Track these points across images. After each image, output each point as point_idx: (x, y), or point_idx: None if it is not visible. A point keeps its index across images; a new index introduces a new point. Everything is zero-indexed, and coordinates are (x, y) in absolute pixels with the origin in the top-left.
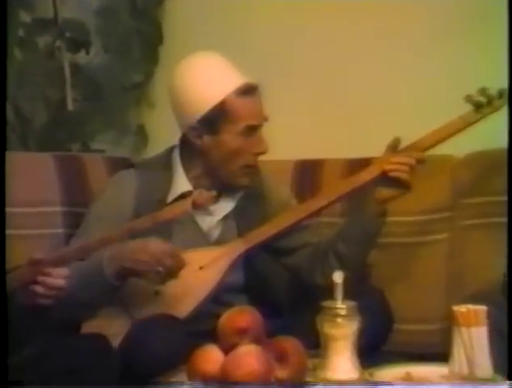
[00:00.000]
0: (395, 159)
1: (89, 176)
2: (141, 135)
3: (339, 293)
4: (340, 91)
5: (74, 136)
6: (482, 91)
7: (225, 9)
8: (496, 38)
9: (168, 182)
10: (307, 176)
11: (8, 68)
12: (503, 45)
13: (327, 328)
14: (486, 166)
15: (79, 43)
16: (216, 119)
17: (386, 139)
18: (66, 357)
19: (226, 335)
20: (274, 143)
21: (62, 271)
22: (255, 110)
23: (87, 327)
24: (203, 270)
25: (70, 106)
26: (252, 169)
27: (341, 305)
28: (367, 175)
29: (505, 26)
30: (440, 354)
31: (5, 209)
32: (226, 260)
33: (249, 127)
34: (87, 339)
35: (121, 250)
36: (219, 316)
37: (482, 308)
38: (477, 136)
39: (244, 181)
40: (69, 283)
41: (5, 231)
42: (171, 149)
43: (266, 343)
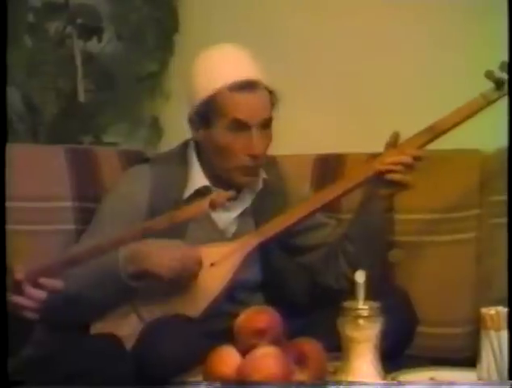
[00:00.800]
0: (388, 159)
1: (101, 170)
2: (156, 127)
3: (361, 294)
4: (362, 85)
5: (86, 128)
6: (503, 66)
7: None
8: None
9: (184, 177)
10: (328, 171)
11: (17, 55)
12: None
13: (348, 330)
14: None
15: (91, 30)
16: (209, 112)
17: (410, 131)
18: (78, 358)
19: (243, 336)
20: (294, 137)
21: (55, 283)
22: (247, 106)
23: (96, 328)
24: (214, 267)
25: (82, 97)
26: (250, 170)
27: (363, 305)
28: (360, 176)
29: None
30: (467, 359)
31: (5, 209)
32: (239, 256)
33: (236, 121)
34: (99, 340)
35: (140, 250)
36: (235, 315)
37: None
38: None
39: (242, 180)
40: (79, 281)
41: (5, 231)
42: (187, 142)
43: (285, 344)
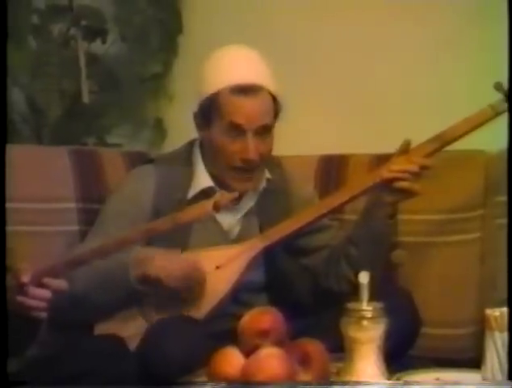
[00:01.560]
0: (395, 167)
1: (105, 171)
2: (159, 129)
3: (364, 295)
4: (365, 87)
5: (90, 129)
6: None
7: None
8: None
9: (188, 177)
10: (332, 172)
11: (21, 57)
12: None
13: (352, 331)
14: None
15: (95, 31)
16: (210, 111)
17: (413, 132)
18: (81, 359)
19: (247, 337)
20: (297, 138)
21: (60, 284)
22: (245, 110)
23: (100, 329)
24: (220, 269)
25: (86, 98)
26: (243, 174)
27: (366, 306)
28: (366, 183)
29: None
30: (471, 359)
31: (5, 210)
32: (244, 259)
33: (232, 124)
34: (102, 341)
35: (146, 255)
36: (239, 317)
37: None
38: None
39: (237, 186)
40: (86, 283)
41: (5, 231)
42: (192, 142)
43: (289, 345)
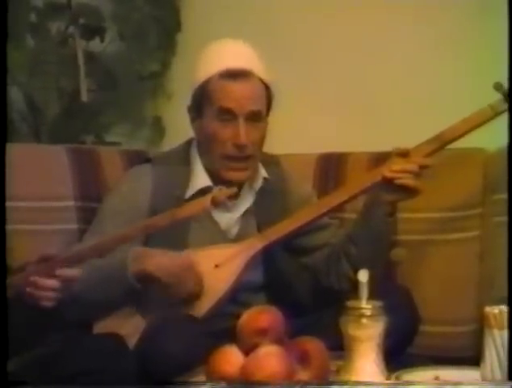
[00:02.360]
0: (395, 167)
1: (103, 170)
2: (158, 127)
3: (364, 293)
4: (364, 85)
5: (88, 128)
6: None
7: None
8: None
9: (186, 177)
10: (331, 170)
11: (19, 55)
12: None
13: (351, 329)
14: None
15: (93, 29)
16: (201, 100)
17: (412, 131)
18: (81, 358)
19: (246, 336)
20: (296, 136)
21: (74, 272)
22: (234, 94)
23: (99, 327)
24: (219, 268)
25: (84, 96)
26: (235, 162)
27: (366, 305)
28: (366, 182)
29: None
30: (470, 358)
31: (5, 208)
32: (243, 258)
33: (222, 110)
34: (102, 340)
35: (144, 252)
36: (238, 316)
37: None
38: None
39: (230, 176)
40: (85, 281)
41: (5, 231)
42: (190, 142)
43: (288, 343)
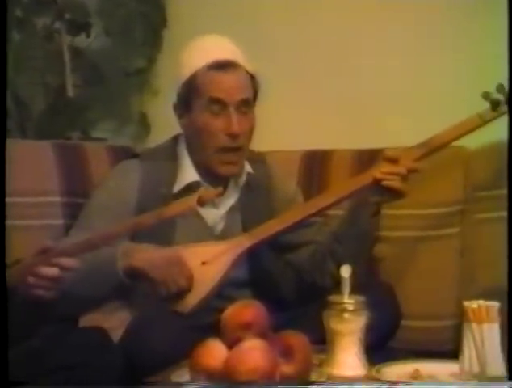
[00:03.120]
0: (385, 169)
1: (90, 165)
2: (144, 123)
3: (346, 288)
4: (350, 82)
5: (74, 123)
6: (500, 88)
7: None
8: None
9: (174, 172)
10: (315, 167)
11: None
12: None
13: (334, 323)
14: (500, 157)
15: (79, 25)
16: (189, 94)
17: (397, 130)
18: (66, 352)
19: (230, 330)
20: (281, 133)
21: (71, 262)
22: (223, 84)
23: (85, 321)
24: (206, 265)
25: (70, 92)
26: (229, 155)
27: (348, 299)
28: (358, 183)
29: None
30: (450, 351)
31: (5, 204)
32: (230, 256)
33: (213, 100)
34: (87, 333)
35: (132, 247)
36: (222, 310)
37: (494, 304)
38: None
39: (223, 170)
40: (74, 275)
41: (5, 226)
42: (177, 137)
43: (271, 337)
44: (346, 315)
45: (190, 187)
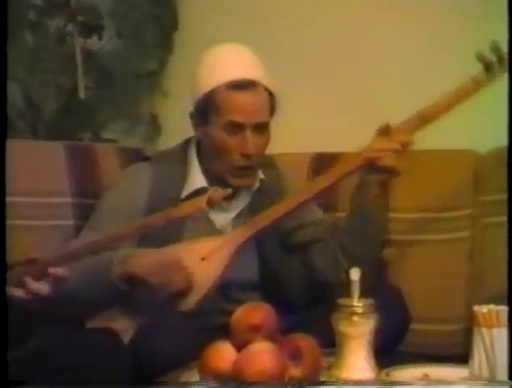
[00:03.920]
0: (376, 146)
1: (100, 167)
2: (154, 125)
3: (355, 291)
4: (357, 86)
5: (85, 124)
6: (494, 47)
7: None
8: None
9: (183, 176)
10: (323, 169)
11: (18, 52)
12: None
13: (343, 326)
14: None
15: (91, 27)
16: (207, 109)
17: None
18: (75, 352)
19: (239, 332)
20: (291, 136)
21: (62, 272)
22: (242, 106)
23: (95, 323)
24: (205, 261)
25: (82, 93)
26: (242, 171)
27: (357, 303)
28: (350, 165)
29: None
30: (459, 355)
31: (5, 205)
32: (229, 249)
33: (231, 123)
34: (98, 334)
35: (129, 253)
36: (232, 313)
37: (504, 308)
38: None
39: (235, 182)
40: (73, 281)
41: (5, 226)
42: (188, 141)
43: (280, 340)
44: (355, 318)
45: (198, 192)
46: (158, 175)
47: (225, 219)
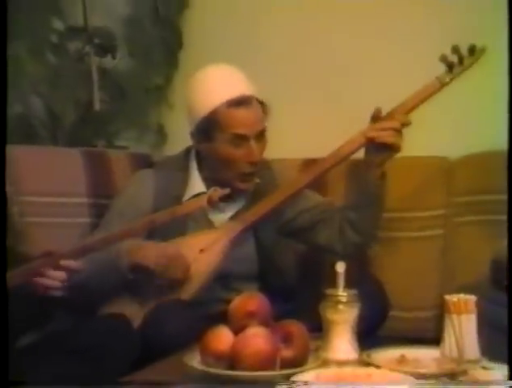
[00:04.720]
0: (378, 126)
1: (113, 170)
2: (161, 133)
3: (341, 282)
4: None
5: (100, 133)
6: (455, 49)
7: (240, 18)
8: None
9: (184, 182)
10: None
11: (42, 71)
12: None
13: (329, 314)
14: (480, 167)
15: (106, 48)
16: (209, 128)
17: None
18: (90, 334)
19: (236, 318)
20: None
21: (75, 264)
22: (244, 120)
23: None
24: (204, 253)
25: (97, 106)
26: (249, 176)
27: (342, 292)
28: (352, 146)
29: None
30: (432, 339)
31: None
32: (225, 241)
33: (236, 136)
34: (111, 319)
35: (135, 245)
36: (230, 301)
37: (471, 297)
38: (473, 138)
39: (242, 186)
40: (86, 272)
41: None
42: (188, 150)
43: (273, 326)
44: (341, 306)
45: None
46: (162, 181)
47: (222, 219)
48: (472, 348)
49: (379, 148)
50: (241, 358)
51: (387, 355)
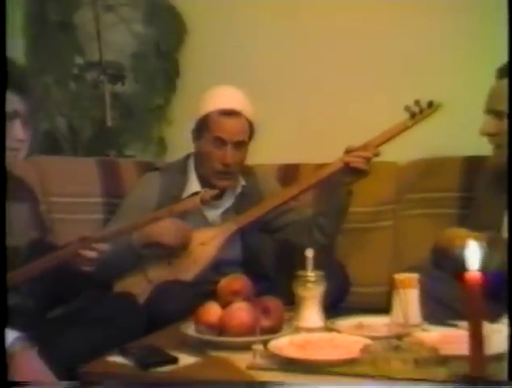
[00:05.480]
0: (355, 153)
1: (122, 175)
2: (162, 145)
3: (310, 265)
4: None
5: (112, 145)
6: (416, 103)
7: (230, 50)
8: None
9: (184, 182)
10: (286, 177)
11: (65, 96)
12: (436, 60)
13: (300, 291)
14: (424, 169)
15: (117, 77)
16: (201, 128)
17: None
18: (104, 309)
19: (224, 295)
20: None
21: (104, 246)
22: (228, 128)
23: (117, 288)
24: (203, 246)
25: (109, 123)
26: (223, 175)
27: (311, 273)
28: (333, 167)
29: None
30: (383, 309)
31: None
32: (222, 237)
33: (216, 138)
34: (120, 296)
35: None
36: (219, 282)
37: (414, 276)
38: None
39: (220, 183)
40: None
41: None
42: (188, 155)
43: (254, 301)
44: (309, 285)
45: (195, 195)
46: (165, 182)
47: (215, 214)
48: (415, 316)
49: (351, 171)
50: (228, 328)
51: (347, 322)
